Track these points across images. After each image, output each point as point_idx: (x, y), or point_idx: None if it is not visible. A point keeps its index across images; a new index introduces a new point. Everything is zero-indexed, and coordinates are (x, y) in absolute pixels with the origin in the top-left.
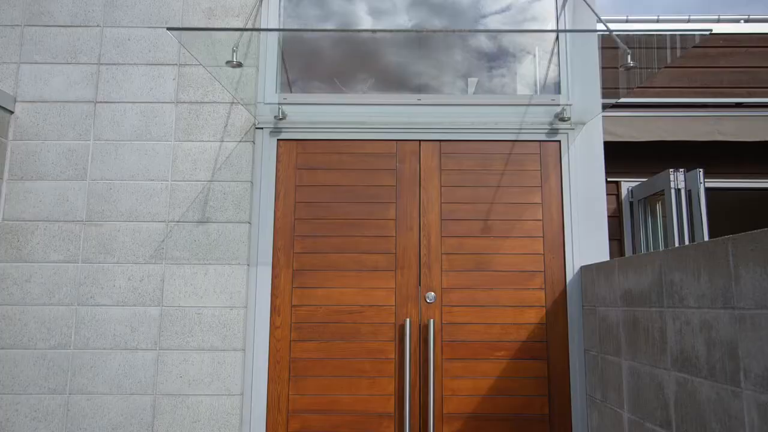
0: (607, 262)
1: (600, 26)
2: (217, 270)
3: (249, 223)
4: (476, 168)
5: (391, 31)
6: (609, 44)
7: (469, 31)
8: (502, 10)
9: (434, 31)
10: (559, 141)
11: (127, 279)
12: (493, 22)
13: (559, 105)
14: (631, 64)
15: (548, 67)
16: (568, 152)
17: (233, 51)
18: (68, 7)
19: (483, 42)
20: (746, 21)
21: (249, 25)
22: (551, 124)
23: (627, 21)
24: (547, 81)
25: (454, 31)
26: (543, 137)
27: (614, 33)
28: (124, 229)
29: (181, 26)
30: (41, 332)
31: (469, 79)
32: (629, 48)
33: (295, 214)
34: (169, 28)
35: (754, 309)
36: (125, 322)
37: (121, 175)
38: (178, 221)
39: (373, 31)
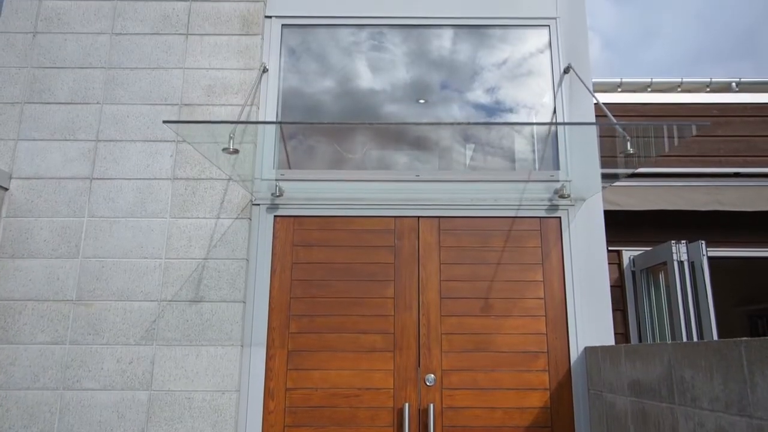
0: (613, 346)
1: (597, 97)
2: (209, 351)
3: (243, 302)
4: (476, 245)
5: (388, 124)
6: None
7: (468, 123)
8: (499, 65)
9: (430, 123)
10: (560, 217)
11: (115, 361)
12: (490, 76)
13: (558, 181)
14: (631, 152)
15: (549, 130)
16: (569, 229)
17: (230, 138)
18: (69, 85)
19: (480, 96)
20: (737, 84)
21: (249, 100)
22: (551, 200)
23: (620, 86)
24: (549, 136)
25: (452, 123)
26: (543, 213)
27: (617, 125)
28: (115, 308)
29: (180, 103)
30: (23, 419)
31: (466, 145)
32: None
33: (291, 293)
34: (165, 121)
35: None
36: (112, 407)
37: (114, 252)
38: (170, 300)
39: (371, 123)
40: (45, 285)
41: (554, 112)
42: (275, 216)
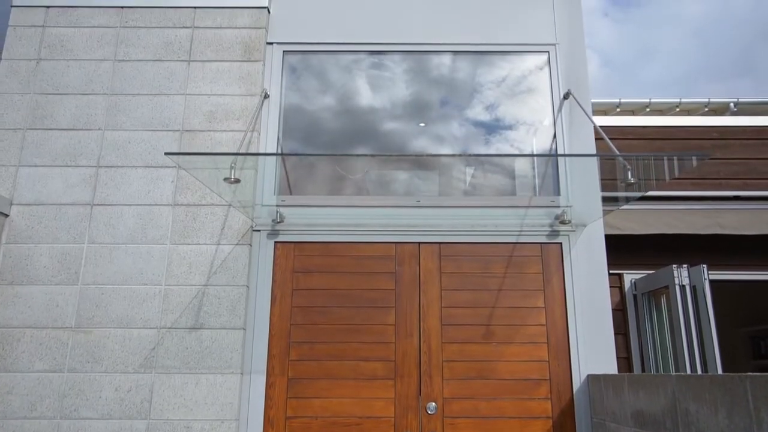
0: (616, 375)
1: (596, 121)
2: (208, 379)
3: (243, 329)
4: (477, 271)
5: (387, 155)
6: (607, 135)
7: (469, 155)
8: (498, 82)
9: (432, 155)
10: (561, 243)
11: (114, 389)
12: (489, 93)
13: (559, 207)
14: (632, 181)
15: (549, 150)
16: (570, 255)
17: (231, 168)
18: (71, 111)
19: (480, 114)
20: (736, 104)
21: (250, 126)
22: (552, 226)
23: (619, 106)
24: (548, 154)
25: (453, 155)
26: (544, 239)
27: (618, 156)
28: (114, 336)
29: (181, 129)
30: None
31: (466, 169)
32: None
33: (291, 320)
34: (167, 153)
35: None
36: None
37: (114, 279)
38: (170, 328)
39: (372, 155)
40: (44, 312)
41: (554, 137)
42: (276, 242)
